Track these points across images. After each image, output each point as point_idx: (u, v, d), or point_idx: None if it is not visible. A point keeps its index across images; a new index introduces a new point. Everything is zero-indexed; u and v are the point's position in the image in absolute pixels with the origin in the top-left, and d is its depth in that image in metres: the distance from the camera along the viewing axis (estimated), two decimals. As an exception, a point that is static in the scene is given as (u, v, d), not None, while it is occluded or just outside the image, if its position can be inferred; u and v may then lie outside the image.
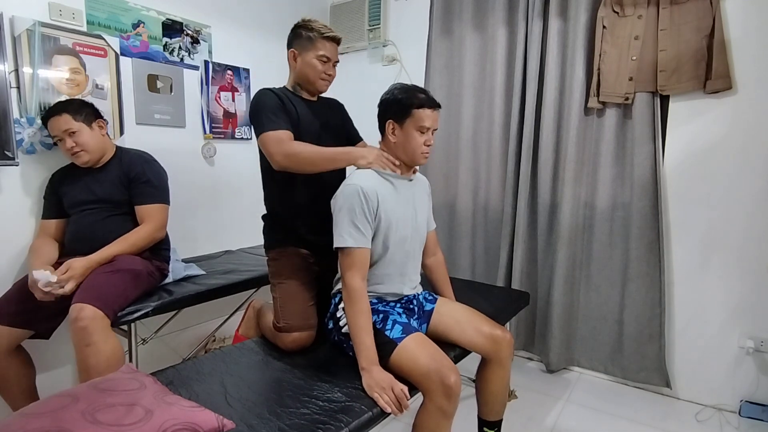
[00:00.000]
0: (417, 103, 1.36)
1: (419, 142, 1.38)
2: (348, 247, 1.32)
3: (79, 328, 1.42)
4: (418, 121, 1.37)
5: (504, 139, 2.46)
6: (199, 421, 0.97)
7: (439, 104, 1.41)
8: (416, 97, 1.37)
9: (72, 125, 1.71)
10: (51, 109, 1.74)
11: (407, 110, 1.37)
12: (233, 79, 2.57)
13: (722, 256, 1.99)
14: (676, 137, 2.05)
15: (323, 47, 1.56)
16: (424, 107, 1.36)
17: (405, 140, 1.39)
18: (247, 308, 1.84)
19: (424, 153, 1.41)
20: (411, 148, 1.40)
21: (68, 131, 1.70)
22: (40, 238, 1.78)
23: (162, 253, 1.90)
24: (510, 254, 2.45)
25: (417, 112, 1.36)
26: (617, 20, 2.07)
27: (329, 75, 1.61)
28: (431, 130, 1.39)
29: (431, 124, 1.38)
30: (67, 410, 0.90)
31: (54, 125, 1.71)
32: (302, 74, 1.61)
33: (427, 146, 1.40)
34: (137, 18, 2.15)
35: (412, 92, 1.39)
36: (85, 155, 1.74)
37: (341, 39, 1.63)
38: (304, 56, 1.58)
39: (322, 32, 1.57)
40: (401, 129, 1.39)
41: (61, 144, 1.74)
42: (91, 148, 1.75)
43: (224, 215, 2.60)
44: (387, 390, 1.18)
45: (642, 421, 1.97)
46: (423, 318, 1.51)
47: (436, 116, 1.40)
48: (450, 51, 2.61)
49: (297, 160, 1.46)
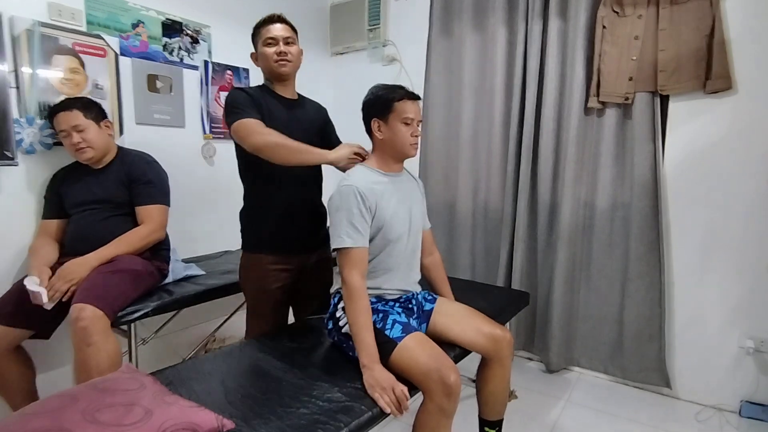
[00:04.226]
0: (397, 97, 1.40)
1: (406, 134, 1.41)
2: (347, 247, 1.32)
3: (80, 328, 1.42)
4: (401, 113, 1.39)
5: (504, 139, 2.46)
6: (199, 421, 0.97)
7: (418, 96, 1.44)
8: (395, 91, 1.41)
9: (81, 121, 1.73)
10: (60, 104, 1.75)
11: (389, 105, 1.40)
12: (233, 79, 2.57)
13: (722, 256, 1.99)
14: (676, 137, 2.05)
15: (266, 32, 1.57)
16: (404, 99, 1.40)
17: (392, 135, 1.41)
18: None
19: (412, 144, 1.43)
20: (399, 141, 1.42)
21: (77, 127, 1.72)
22: (40, 238, 1.78)
23: (162, 253, 1.90)
24: (510, 254, 2.45)
25: (398, 105, 1.39)
26: (617, 20, 2.07)
27: (280, 55, 1.58)
28: (416, 121, 1.42)
29: (415, 115, 1.41)
30: (67, 410, 0.90)
31: (63, 120, 1.72)
32: (263, 68, 1.62)
33: (414, 137, 1.42)
34: (137, 18, 2.14)
35: (391, 88, 1.43)
36: (89, 152, 1.75)
37: (279, 16, 1.62)
38: (258, 51, 1.61)
39: (262, 19, 1.60)
40: (386, 125, 1.41)
41: (66, 139, 1.73)
42: (96, 145, 1.76)
43: (224, 215, 2.59)
44: (387, 390, 1.18)
45: (642, 421, 1.97)
46: (422, 318, 1.51)
47: (417, 108, 1.43)
48: (450, 51, 2.61)
49: (268, 140, 1.43)
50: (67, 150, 1.77)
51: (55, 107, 1.75)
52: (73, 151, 1.75)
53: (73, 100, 1.78)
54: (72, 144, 1.73)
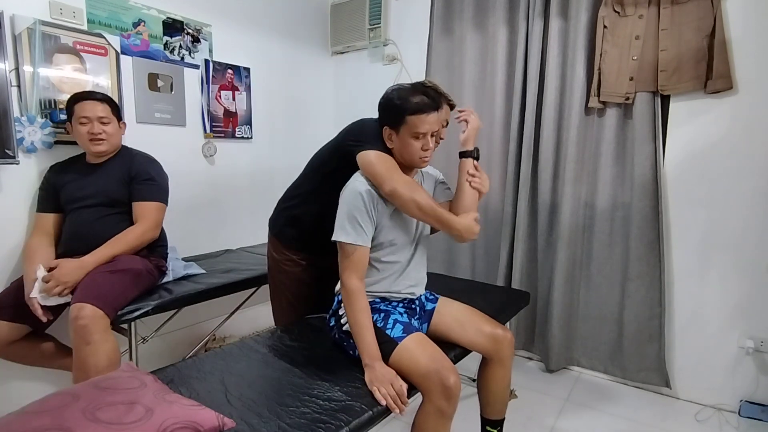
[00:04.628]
0: (411, 109, 1.28)
1: (416, 148, 1.32)
2: (347, 243, 1.32)
3: (80, 326, 1.42)
4: (413, 128, 1.29)
5: (504, 138, 2.46)
6: (200, 420, 0.97)
7: (438, 105, 1.31)
8: (411, 102, 1.28)
9: (108, 115, 1.78)
10: (89, 92, 1.80)
11: (401, 117, 1.30)
12: (234, 77, 2.57)
13: (722, 256, 1.99)
14: (676, 137, 2.05)
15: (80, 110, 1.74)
16: (419, 113, 1.28)
17: (401, 147, 1.34)
18: None
19: (423, 158, 1.34)
20: (408, 156, 1.34)
21: (102, 119, 1.76)
22: (36, 237, 1.76)
23: (159, 250, 1.90)
24: (510, 254, 2.45)
25: (411, 119, 1.28)
26: (618, 20, 2.07)
27: None
28: (430, 133, 1.31)
29: (428, 129, 1.30)
30: (68, 408, 0.90)
31: (89, 107, 1.74)
32: None
33: (425, 151, 1.32)
34: (138, 17, 2.14)
35: (408, 96, 1.30)
36: (105, 144, 1.78)
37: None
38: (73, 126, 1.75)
39: None
40: (397, 136, 1.33)
41: (84, 126, 1.74)
42: (112, 141, 1.81)
43: (224, 214, 2.60)
44: (386, 384, 1.19)
45: (642, 421, 1.97)
46: (424, 317, 1.51)
47: (435, 118, 1.30)
48: (450, 50, 2.61)
49: (403, 193, 1.31)
50: (79, 138, 1.77)
51: (81, 94, 1.77)
52: (88, 140, 1.75)
53: (102, 93, 1.83)
54: (91, 132, 1.74)
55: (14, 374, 1.82)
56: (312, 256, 1.66)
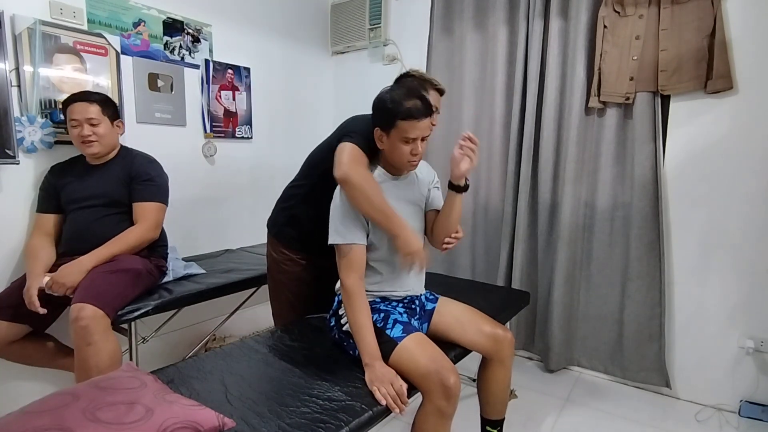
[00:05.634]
0: (402, 114, 1.26)
1: (405, 152, 1.31)
2: (344, 243, 1.32)
3: (80, 327, 1.42)
4: (402, 132, 1.28)
5: (504, 138, 2.46)
6: (200, 420, 0.97)
7: (430, 111, 1.30)
8: (403, 106, 1.27)
9: (97, 115, 1.74)
10: (79, 93, 1.75)
11: (392, 121, 1.28)
12: (234, 77, 2.57)
13: (722, 256, 1.99)
14: (676, 137, 2.05)
15: None
16: (409, 118, 1.26)
17: (390, 150, 1.33)
18: None
19: (410, 162, 1.34)
20: (397, 158, 1.34)
21: (91, 120, 1.72)
22: (36, 238, 1.76)
23: (159, 250, 1.90)
24: (510, 254, 2.45)
25: (402, 124, 1.27)
26: (618, 20, 2.07)
27: None
28: (420, 138, 1.30)
29: (419, 134, 1.29)
30: (68, 408, 0.90)
31: (78, 109, 1.72)
32: None
33: (414, 155, 1.32)
34: (138, 17, 2.14)
35: (401, 100, 1.28)
36: (97, 146, 1.75)
37: None
38: None
39: None
40: (387, 138, 1.32)
41: (75, 129, 1.73)
42: (105, 142, 1.77)
43: (224, 214, 2.60)
44: (386, 384, 1.19)
45: (642, 421, 1.97)
46: (424, 317, 1.51)
47: (425, 124, 1.29)
48: (451, 50, 2.61)
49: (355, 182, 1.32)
50: (73, 140, 1.76)
51: (73, 96, 1.74)
52: (80, 142, 1.74)
53: (94, 93, 1.79)
54: (81, 135, 1.72)
55: (14, 374, 1.81)
56: (311, 256, 1.67)
